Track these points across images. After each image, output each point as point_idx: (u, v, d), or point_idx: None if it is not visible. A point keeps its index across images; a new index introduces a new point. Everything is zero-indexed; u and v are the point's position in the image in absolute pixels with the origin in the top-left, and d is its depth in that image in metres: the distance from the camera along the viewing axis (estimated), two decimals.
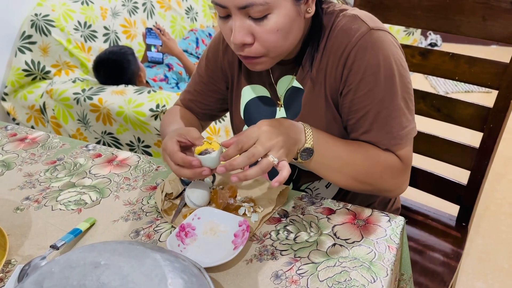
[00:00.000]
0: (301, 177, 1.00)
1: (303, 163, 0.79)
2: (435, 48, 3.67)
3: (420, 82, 3.16)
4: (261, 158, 0.71)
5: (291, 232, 0.79)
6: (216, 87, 1.03)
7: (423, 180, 1.26)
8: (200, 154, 0.76)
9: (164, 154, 0.81)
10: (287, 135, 0.73)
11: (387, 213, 0.82)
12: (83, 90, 1.93)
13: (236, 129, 1.04)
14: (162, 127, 1.03)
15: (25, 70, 2.10)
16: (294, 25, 0.77)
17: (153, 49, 2.24)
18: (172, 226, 0.82)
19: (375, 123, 0.83)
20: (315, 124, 0.89)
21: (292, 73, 0.91)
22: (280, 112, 0.95)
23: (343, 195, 1.01)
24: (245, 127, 1.00)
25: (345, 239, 0.77)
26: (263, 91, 0.96)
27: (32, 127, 2.15)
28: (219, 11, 0.76)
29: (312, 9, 0.79)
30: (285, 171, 0.70)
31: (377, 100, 0.81)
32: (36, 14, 2.08)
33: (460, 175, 1.22)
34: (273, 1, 0.72)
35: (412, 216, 1.27)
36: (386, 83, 0.81)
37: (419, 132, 1.05)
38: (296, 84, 0.91)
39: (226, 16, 0.77)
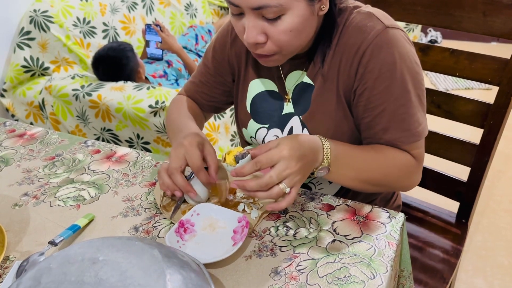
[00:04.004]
0: None
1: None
2: (435, 44, 3.66)
3: None
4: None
5: (291, 228, 0.79)
6: (222, 78, 1.02)
7: (423, 177, 1.24)
8: (236, 157, 0.75)
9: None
10: (306, 160, 0.74)
11: (387, 209, 0.82)
12: (82, 87, 1.93)
13: (241, 123, 1.03)
14: (169, 120, 1.02)
15: (24, 66, 2.10)
16: (307, 24, 0.77)
17: (152, 45, 2.24)
18: (171, 222, 0.82)
19: (392, 120, 0.83)
20: (324, 120, 0.89)
21: (302, 68, 0.91)
22: (288, 107, 0.94)
23: (345, 191, 1.01)
24: (251, 121, 1.00)
25: (344, 235, 0.76)
26: (271, 85, 0.96)
27: (31, 124, 2.15)
28: (232, 9, 0.76)
29: (326, 7, 0.79)
30: (284, 203, 0.72)
31: (393, 98, 0.82)
32: (35, 10, 2.07)
33: (460, 172, 1.22)
34: (286, 3, 0.72)
35: (412, 212, 1.27)
36: (402, 81, 0.81)
37: None
38: (306, 79, 0.90)
39: (239, 13, 0.76)
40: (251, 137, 1.02)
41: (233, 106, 1.09)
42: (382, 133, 0.84)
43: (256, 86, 0.98)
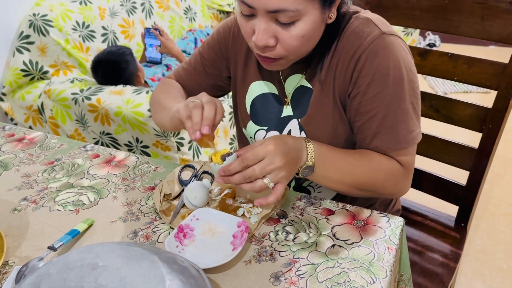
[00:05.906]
0: None
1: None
2: (434, 48, 3.68)
3: (419, 82, 3.16)
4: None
5: (290, 233, 0.79)
6: (218, 72, 1.02)
7: (422, 181, 1.26)
8: (223, 156, 0.75)
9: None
10: (290, 156, 0.75)
11: (386, 213, 0.82)
12: (81, 90, 1.93)
13: (242, 122, 1.03)
14: (156, 100, 1.00)
15: (23, 70, 2.10)
16: (317, 31, 0.78)
17: (151, 49, 2.24)
18: (171, 227, 0.82)
19: (382, 126, 0.83)
20: (322, 123, 0.89)
21: (302, 72, 0.91)
22: (287, 110, 0.95)
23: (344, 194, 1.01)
24: (250, 122, 1.00)
25: (344, 240, 0.76)
26: (272, 88, 0.96)
27: (30, 128, 2.15)
28: (244, 9, 0.75)
29: (334, 15, 0.80)
30: (272, 198, 0.73)
31: (385, 104, 0.82)
32: (34, 14, 2.07)
33: (459, 176, 1.22)
34: (303, 9, 0.72)
35: (411, 216, 1.27)
36: (395, 87, 0.81)
37: None
38: (305, 83, 0.91)
39: (250, 15, 0.76)
40: (250, 137, 1.02)
41: (232, 110, 1.09)
42: (371, 138, 0.85)
43: (257, 88, 0.98)
